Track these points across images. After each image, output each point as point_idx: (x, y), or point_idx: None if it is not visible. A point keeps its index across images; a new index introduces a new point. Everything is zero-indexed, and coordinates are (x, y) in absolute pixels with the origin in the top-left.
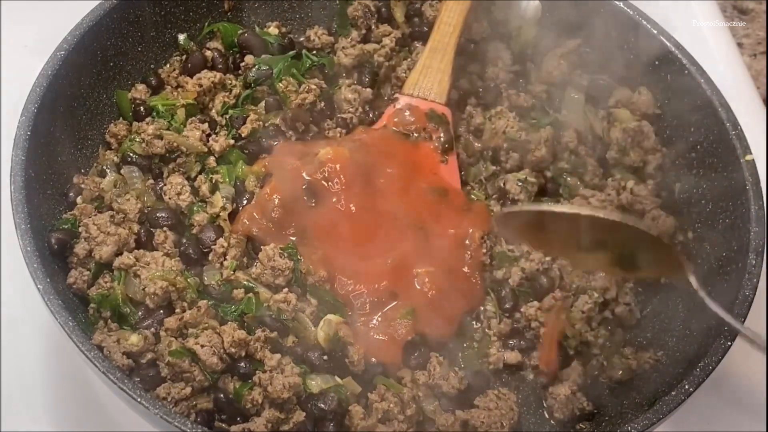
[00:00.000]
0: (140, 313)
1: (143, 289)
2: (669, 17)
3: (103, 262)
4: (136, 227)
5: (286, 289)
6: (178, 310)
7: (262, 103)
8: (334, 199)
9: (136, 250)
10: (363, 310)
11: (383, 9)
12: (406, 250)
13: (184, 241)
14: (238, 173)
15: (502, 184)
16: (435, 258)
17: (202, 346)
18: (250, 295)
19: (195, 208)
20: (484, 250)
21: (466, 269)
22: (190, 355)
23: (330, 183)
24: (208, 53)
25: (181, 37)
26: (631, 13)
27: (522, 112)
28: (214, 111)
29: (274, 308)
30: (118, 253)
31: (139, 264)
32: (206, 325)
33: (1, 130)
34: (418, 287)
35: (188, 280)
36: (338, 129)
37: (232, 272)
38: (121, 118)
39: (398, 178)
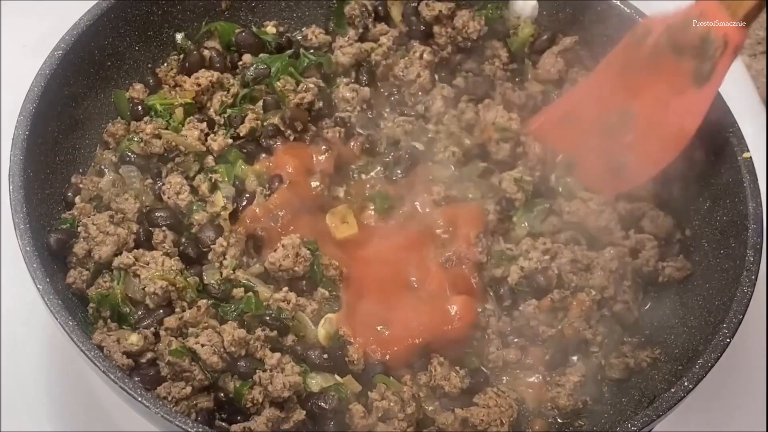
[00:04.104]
0: (140, 312)
1: (143, 289)
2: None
3: (102, 261)
4: (135, 227)
5: (286, 288)
6: (177, 310)
7: (260, 102)
8: None
9: (135, 250)
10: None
11: (380, 8)
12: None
13: (184, 240)
14: (238, 173)
15: (497, 183)
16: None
17: (203, 346)
18: (250, 294)
19: (194, 208)
20: (480, 249)
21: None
22: (190, 355)
23: None
24: (206, 52)
25: (179, 36)
26: (629, 11)
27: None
28: (212, 110)
29: (273, 307)
30: (118, 253)
31: (138, 264)
32: (206, 324)
33: (1, 130)
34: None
35: (188, 279)
36: (336, 128)
37: (232, 271)
38: (119, 118)
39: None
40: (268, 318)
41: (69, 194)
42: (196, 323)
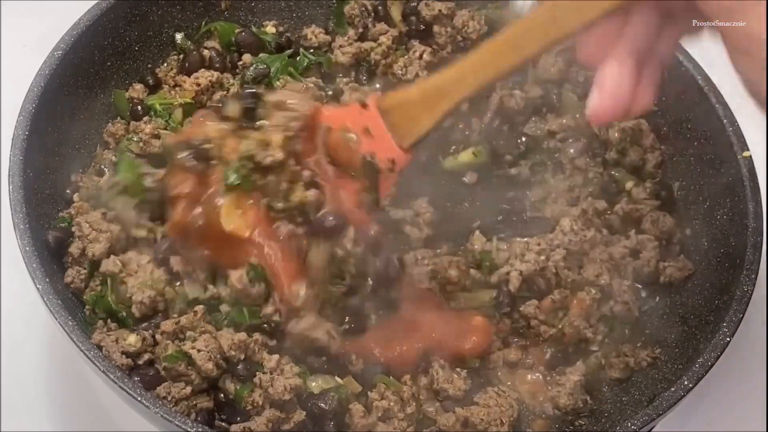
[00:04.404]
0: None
1: (129, 297)
2: None
3: (96, 259)
4: None
5: None
6: (174, 315)
7: None
8: None
9: (123, 254)
10: None
11: (380, 8)
12: None
13: None
14: None
15: None
16: None
17: (198, 351)
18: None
19: None
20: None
21: None
22: (186, 359)
23: None
24: (206, 52)
25: (179, 36)
26: None
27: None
28: None
29: (267, 317)
30: (112, 251)
31: (126, 270)
32: (203, 329)
33: (1, 130)
34: None
35: (176, 290)
36: None
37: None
38: (118, 118)
39: None
40: (265, 326)
41: (68, 192)
42: (193, 327)
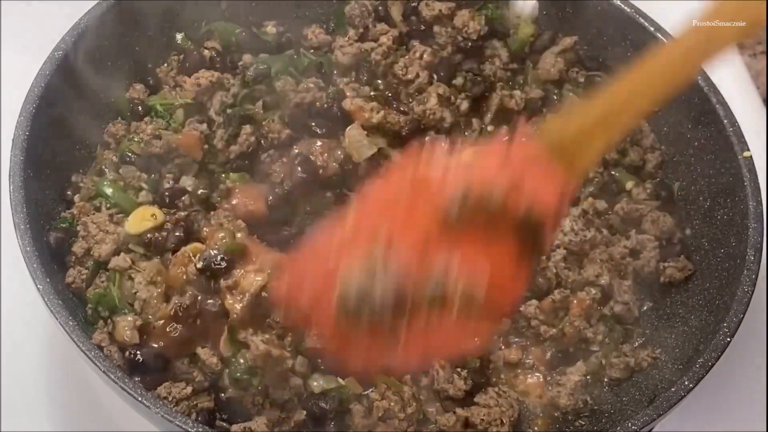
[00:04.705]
0: None
1: (134, 294)
2: (668, 16)
3: (102, 260)
4: None
5: None
6: None
7: (260, 102)
8: None
9: (133, 252)
10: None
11: (380, 8)
12: None
13: None
14: None
15: None
16: None
17: (202, 347)
18: None
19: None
20: None
21: None
22: (189, 356)
23: None
24: (206, 52)
25: (179, 36)
26: (629, 11)
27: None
28: (212, 110)
29: None
30: (117, 252)
31: (134, 267)
32: None
33: (1, 131)
34: None
35: None
36: None
37: None
38: (119, 118)
39: None
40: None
41: (68, 193)
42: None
